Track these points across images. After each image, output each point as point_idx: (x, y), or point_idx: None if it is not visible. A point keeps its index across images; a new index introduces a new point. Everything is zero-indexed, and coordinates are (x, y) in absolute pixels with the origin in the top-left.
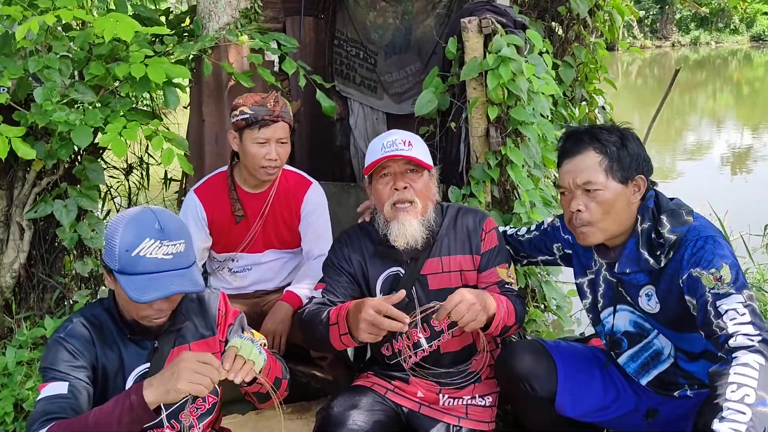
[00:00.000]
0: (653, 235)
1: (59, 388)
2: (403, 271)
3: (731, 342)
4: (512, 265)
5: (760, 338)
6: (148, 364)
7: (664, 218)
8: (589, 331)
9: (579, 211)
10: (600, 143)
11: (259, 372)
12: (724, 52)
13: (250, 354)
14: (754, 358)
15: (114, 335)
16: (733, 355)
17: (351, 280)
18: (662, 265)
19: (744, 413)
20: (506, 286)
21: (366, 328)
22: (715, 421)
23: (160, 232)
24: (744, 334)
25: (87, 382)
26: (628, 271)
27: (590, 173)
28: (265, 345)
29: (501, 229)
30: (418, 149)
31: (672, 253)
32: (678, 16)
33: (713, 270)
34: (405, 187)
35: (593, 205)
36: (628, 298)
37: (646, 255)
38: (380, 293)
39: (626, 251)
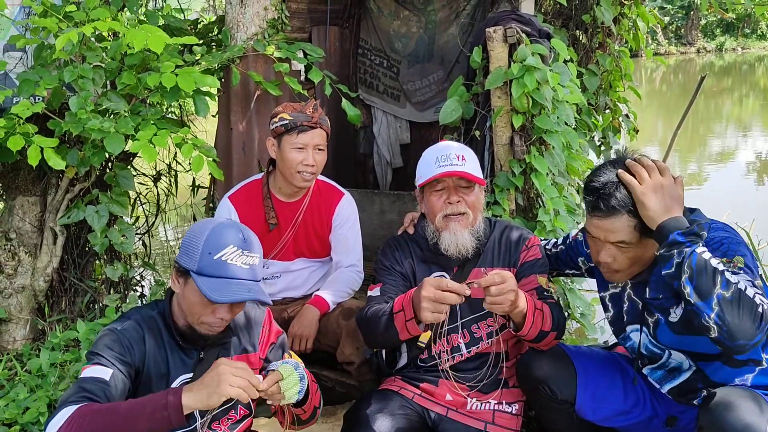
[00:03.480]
0: None
1: (102, 372)
2: (448, 276)
3: None
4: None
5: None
6: (191, 375)
7: None
8: (613, 340)
9: (608, 263)
10: (630, 207)
11: (288, 402)
12: (751, 58)
13: (288, 388)
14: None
15: (164, 340)
16: None
17: (404, 280)
18: None
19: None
20: (545, 293)
21: (428, 306)
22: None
23: (243, 242)
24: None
25: (127, 377)
26: (660, 296)
27: (623, 235)
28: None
29: None
30: (471, 164)
31: None
32: (703, 22)
33: (726, 257)
34: (458, 201)
35: (622, 257)
36: (649, 319)
37: None
38: None
39: (654, 278)
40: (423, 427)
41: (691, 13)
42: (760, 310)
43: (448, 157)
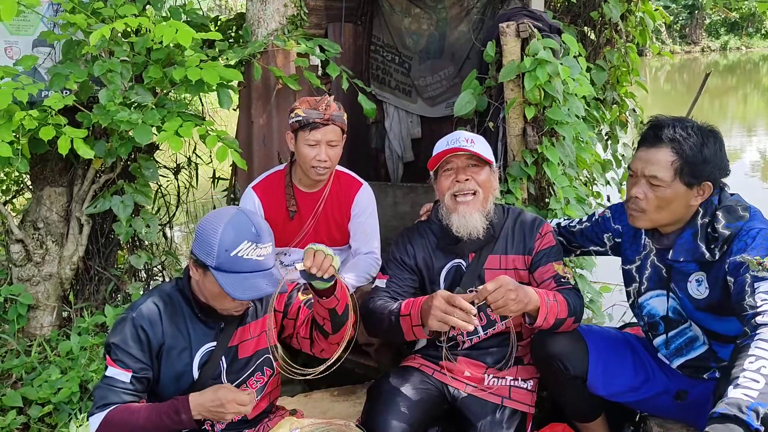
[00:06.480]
0: (709, 230)
1: (123, 376)
2: (464, 263)
3: (758, 319)
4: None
5: None
6: (215, 343)
7: (719, 214)
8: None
9: (637, 197)
10: (678, 143)
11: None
12: (755, 57)
13: (327, 252)
14: None
15: (184, 314)
16: (758, 331)
17: (412, 273)
18: (716, 258)
19: (758, 381)
20: (562, 280)
21: (436, 314)
22: (730, 387)
23: (256, 235)
24: None
25: (147, 365)
26: (681, 259)
27: (659, 169)
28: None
29: (555, 221)
30: (480, 145)
31: (726, 246)
32: (707, 21)
33: (758, 257)
34: (467, 179)
35: (652, 196)
36: (673, 285)
37: (703, 248)
38: (444, 283)
39: (681, 240)
40: (443, 401)
41: (696, 12)
42: None
43: (457, 140)
